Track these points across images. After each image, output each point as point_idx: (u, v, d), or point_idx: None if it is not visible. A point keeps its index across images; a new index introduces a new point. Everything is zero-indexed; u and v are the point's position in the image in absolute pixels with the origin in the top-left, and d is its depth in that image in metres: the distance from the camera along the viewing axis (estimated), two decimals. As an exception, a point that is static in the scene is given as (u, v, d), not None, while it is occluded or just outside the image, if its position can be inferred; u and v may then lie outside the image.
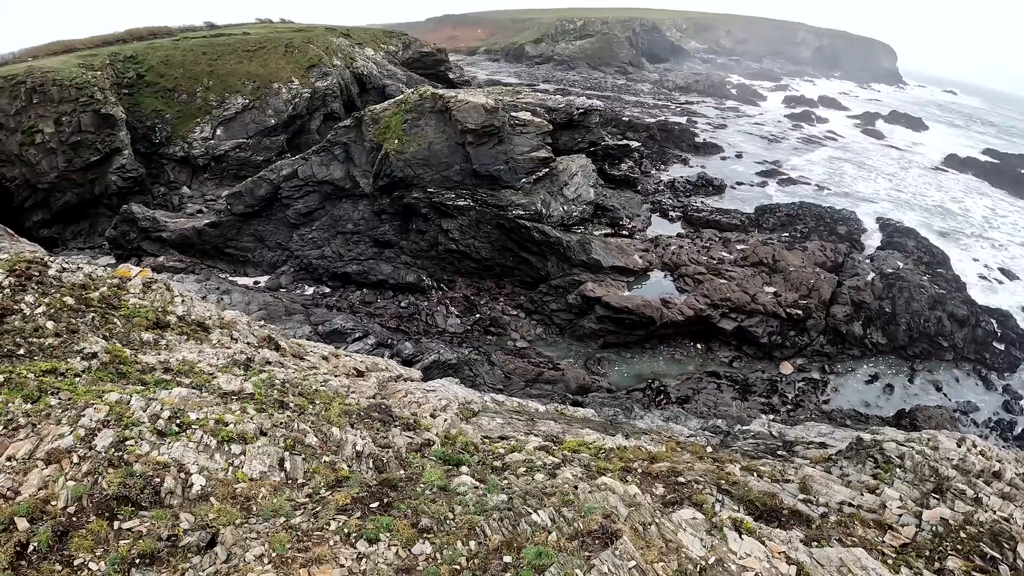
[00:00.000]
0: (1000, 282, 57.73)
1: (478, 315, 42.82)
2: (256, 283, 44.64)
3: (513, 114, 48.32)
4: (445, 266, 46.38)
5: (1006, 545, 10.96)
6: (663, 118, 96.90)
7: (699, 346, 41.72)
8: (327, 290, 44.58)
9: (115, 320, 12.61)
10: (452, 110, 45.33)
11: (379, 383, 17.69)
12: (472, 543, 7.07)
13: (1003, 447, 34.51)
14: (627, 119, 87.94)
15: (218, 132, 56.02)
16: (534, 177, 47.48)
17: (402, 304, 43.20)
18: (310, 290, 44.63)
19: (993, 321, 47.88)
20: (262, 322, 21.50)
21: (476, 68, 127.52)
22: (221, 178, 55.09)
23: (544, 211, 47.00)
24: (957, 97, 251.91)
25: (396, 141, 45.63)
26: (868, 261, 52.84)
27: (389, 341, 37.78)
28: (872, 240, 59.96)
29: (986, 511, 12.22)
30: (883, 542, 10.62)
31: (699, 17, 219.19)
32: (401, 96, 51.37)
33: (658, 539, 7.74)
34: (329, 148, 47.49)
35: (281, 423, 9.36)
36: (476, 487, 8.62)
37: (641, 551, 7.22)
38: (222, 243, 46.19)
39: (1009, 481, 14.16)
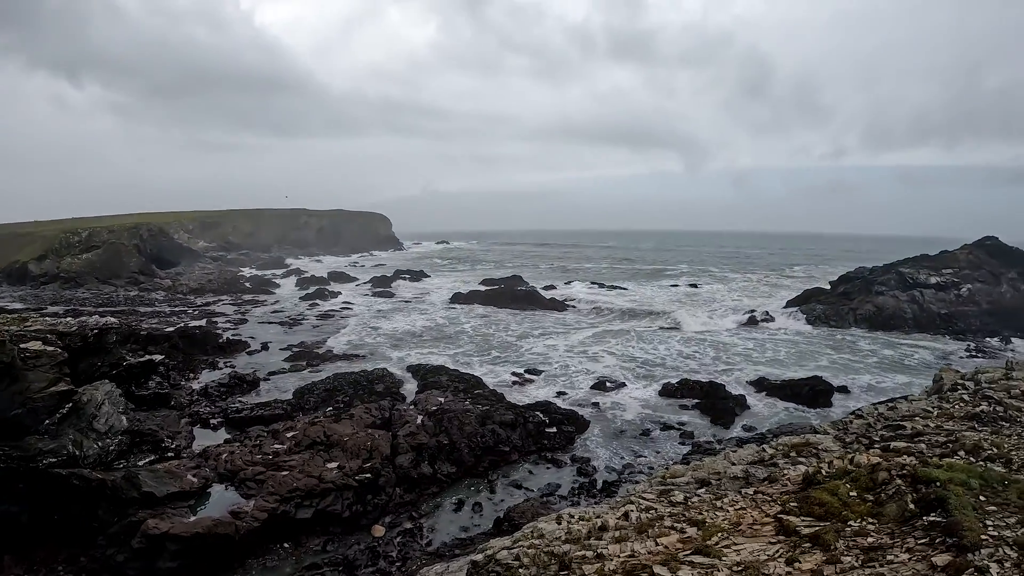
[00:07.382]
0: (531, 380, 69.46)
1: (39, 597, 33.28)
2: None
3: (23, 346, 41.39)
4: (-16, 548, 35.22)
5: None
6: (183, 324, 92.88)
7: (287, 545, 39.49)
8: None
9: None
10: (-53, 357, 36.26)
11: None
12: None
13: (595, 503, 40.28)
14: (146, 332, 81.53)
15: None
16: (58, 416, 40.46)
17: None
18: None
19: (538, 412, 56.51)
20: None
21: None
22: None
23: (78, 452, 40.09)
24: (451, 246, 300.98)
25: None
26: (413, 407, 57.37)
27: None
28: (410, 387, 65.46)
29: (611, 559, 13.68)
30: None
31: (206, 216, 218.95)
32: None
33: None
34: None
35: None
36: None
37: None
38: None
39: (616, 526, 16.34)
